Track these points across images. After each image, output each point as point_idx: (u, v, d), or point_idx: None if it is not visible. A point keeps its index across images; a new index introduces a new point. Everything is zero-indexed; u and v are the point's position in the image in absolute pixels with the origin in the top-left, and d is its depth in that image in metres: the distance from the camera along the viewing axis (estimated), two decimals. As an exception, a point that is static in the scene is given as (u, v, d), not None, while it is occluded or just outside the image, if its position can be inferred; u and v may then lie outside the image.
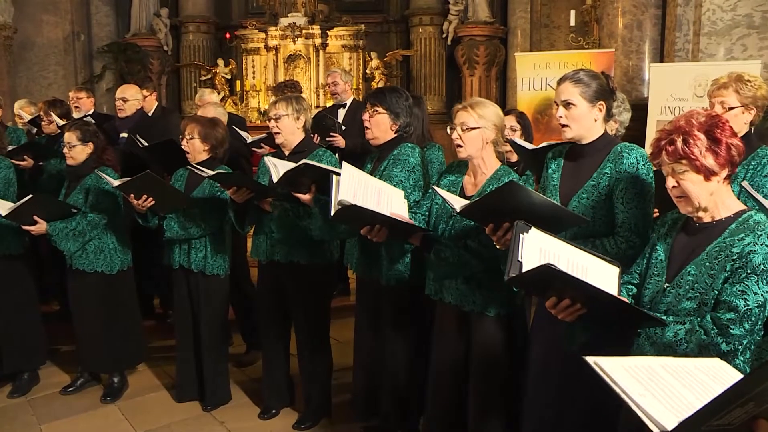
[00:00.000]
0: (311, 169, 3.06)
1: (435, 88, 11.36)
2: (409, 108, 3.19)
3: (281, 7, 10.89)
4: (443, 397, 2.96)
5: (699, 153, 1.88)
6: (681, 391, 1.33)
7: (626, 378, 1.35)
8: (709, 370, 1.42)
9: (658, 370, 1.40)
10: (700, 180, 1.91)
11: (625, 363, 1.41)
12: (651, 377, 1.36)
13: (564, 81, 2.50)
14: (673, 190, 1.97)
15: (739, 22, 5.87)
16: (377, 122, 3.15)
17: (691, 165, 1.90)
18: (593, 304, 1.98)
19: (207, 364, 3.84)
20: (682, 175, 1.92)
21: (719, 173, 1.91)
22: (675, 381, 1.36)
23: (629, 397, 1.29)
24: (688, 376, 1.38)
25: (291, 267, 3.46)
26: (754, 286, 1.86)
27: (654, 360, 1.46)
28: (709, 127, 1.89)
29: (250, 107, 10.87)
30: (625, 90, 6.77)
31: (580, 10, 9.02)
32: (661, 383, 1.34)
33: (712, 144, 1.88)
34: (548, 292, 2.03)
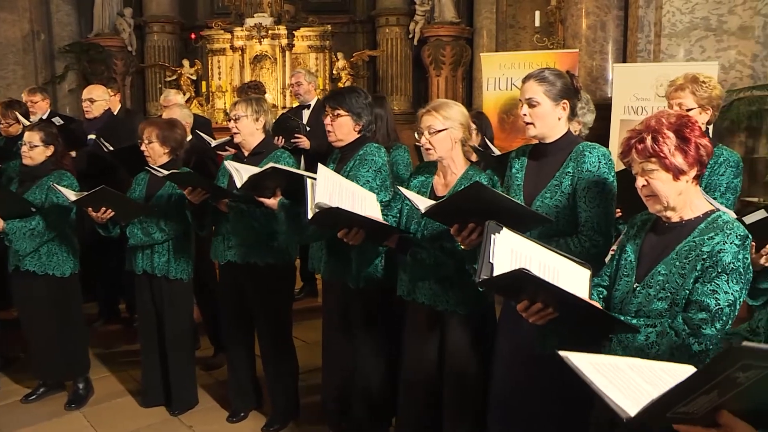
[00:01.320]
0: (278, 172, 3.04)
1: (401, 89, 11.38)
2: (369, 106, 3.18)
3: (247, 8, 10.81)
4: (416, 397, 2.96)
5: (668, 151, 1.89)
6: (644, 386, 1.34)
7: (591, 371, 1.37)
8: (675, 373, 1.43)
9: (624, 368, 1.41)
10: (669, 179, 1.92)
11: (593, 359, 1.43)
12: (616, 373, 1.38)
13: (529, 79, 2.52)
14: (642, 189, 1.98)
15: (698, 25, 6.00)
16: (340, 125, 3.13)
17: (660, 163, 1.91)
18: (565, 308, 1.98)
19: (173, 369, 3.80)
20: (651, 174, 1.93)
21: (688, 172, 1.93)
22: (639, 378, 1.37)
23: (595, 387, 1.31)
24: (653, 376, 1.40)
25: (248, 268, 3.45)
26: (725, 285, 1.87)
27: (621, 359, 1.47)
28: (679, 127, 1.91)
29: (216, 108, 10.77)
30: (590, 90, 6.86)
31: (544, 11, 9.12)
32: (626, 379, 1.36)
33: (681, 143, 1.90)
34: (520, 295, 2.02)
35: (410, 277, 2.83)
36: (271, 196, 3.15)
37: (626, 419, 1.22)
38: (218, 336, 4.50)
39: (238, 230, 3.42)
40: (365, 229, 2.72)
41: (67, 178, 3.81)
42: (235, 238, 3.45)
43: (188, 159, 4.30)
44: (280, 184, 3.12)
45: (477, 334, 2.79)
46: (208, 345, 4.68)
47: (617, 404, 1.26)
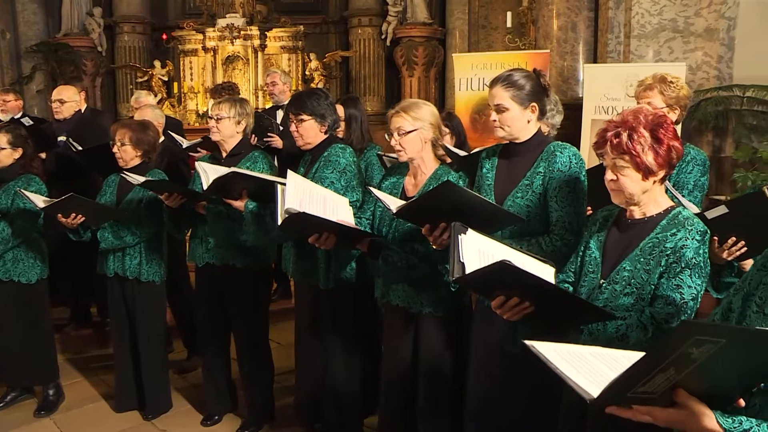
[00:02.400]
0: (240, 177, 3.04)
1: (374, 89, 11.38)
2: (331, 105, 3.19)
3: (219, 8, 10.73)
4: (395, 398, 2.98)
5: (641, 150, 1.92)
6: (607, 372, 1.38)
7: (555, 357, 1.40)
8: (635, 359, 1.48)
9: (587, 356, 1.45)
10: (638, 178, 1.96)
11: (557, 347, 1.46)
12: (580, 360, 1.42)
13: (496, 84, 2.53)
14: (610, 183, 2.01)
15: (666, 26, 6.09)
16: (306, 129, 3.13)
17: (632, 161, 1.94)
18: (542, 300, 1.99)
19: (146, 372, 3.77)
20: (622, 171, 1.97)
21: (657, 173, 1.96)
22: (602, 365, 1.41)
23: (559, 372, 1.34)
24: (614, 362, 1.44)
25: (227, 270, 3.43)
26: (688, 280, 1.93)
27: (585, 348, 1.51)
28: (654, 126, 1.94)
29: (188, 109, 10.68)
30: (561, 90, 6.94)
31: (516, 11, 9.19)
32: (589, 365, 1.40)
33: (654, 143, 1.93)
34: (495, 291, 2.03)
35: (384, 280, 2.84)
36: (238, 197, 3.14)
37: (590, 400, 1.26)
38: (192, 339, 4.48)
39: (217, 232, 3.40)
40: (336, 234, 2.72)
41: (36, 183, 3.74)
42: (213, 240, 3.43)
43: (160, 161, 4.26)
44: (245, 186, 3.12)
45: (451, 335, 2.81)
46: (182, 348, 4.65)
47: (581, 387, 1.29)
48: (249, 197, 3.16)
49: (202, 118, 10.26)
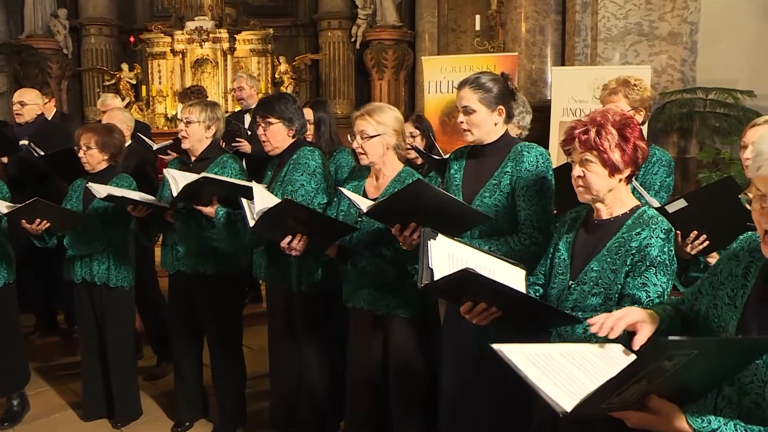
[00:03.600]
0: (210, 182, 3.02)
1: (344, 92, 11.39)
2: (299, 110, 3.18)
3: (187, 11, 10.65)
4: (362, 401, 2.98)
5: (608, 147, 1.97)
6: (576, 374, 1.39)
7: (525, 363, 1.40)
8: (602, 354, 1.50)
9: (556, 356, 1.46)
10: (605, 174, 2.00)
11: (525, 350, 1.46)
12: (548, 363, 1.42)
13: (463, 86, 2.55)
14: (577, 179, 2.04)
15: (631, 30, 6.19)
16: (273, 133, 3.12)
17: (599, 157, 1.98)
18: (509, 306, 2.01)
19: (115, 379, 3.71)
20: (588, 166, 2.00)
21: (623, 171, 2.00)
22: (571, 365, 1.42)
23: (529, 381, 1.34)
24: (584, 361, 1.45)
25: (198, 278, 3.40)
26: (653, 278, 1.95)
27: (553, 347, 1.52)
28: (622, 126, 1.99)
29: (157, 113, 10.58)
30: (529, 92, 7.01)
31: (485, 15, 9.26)
32: (558, 368, 1.40)
33: (621, 141, 1.98)
34: (463, 297, 2.03)
35: (352, 284, 2.84)
36: (208, 204, 3.12)
37: (562, 413, 1.27)
38: (161, 345, 4.43)
39: (186, 240, 3.38)
40: (311, 230, 2.70)
41: None
42: (183, 247, 3.40)
43: (127, 164, 4.21)
44: (215, 192, 3.10)
45: (420, 336, 2.82)
46: (151, 354, 4.59)
47: (553, 399, 1.29)
48: (219, 203, 3.13)
49: (171, 122, 10.18)
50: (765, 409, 1.36)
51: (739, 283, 1.52)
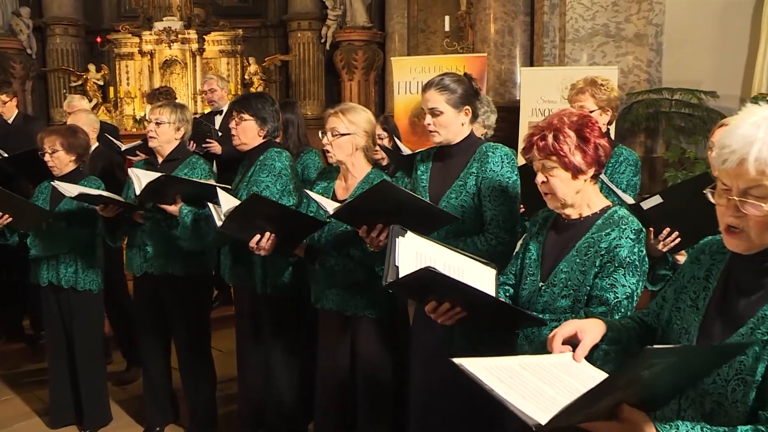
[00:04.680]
0: (173, 181, 3.01)
1: (314, 93, 11.37)
2: (276, 113, 3.19)
3: (155, 11, 10.52)
4: (331, 402, 2.97)
5: (568, 150, 1.94)
6: (542, 387, 1.38)
7: (488, 377, 1.38)
8: (562, 366, 1.49)
9: (518, 369, 1.43)
10: (568, 178, 1.97)
11: (486, 364, 1.44)
12: (512, 376, 1.40)
13: (429, 88, 2.56)
14: (542, 186, 2.02)
15: (598, 31, 6.27)
16: (244, 129, 3.13)
17: (560, 162, 1.95)
18: (473, 306, 1.99)
19: (84, 385, 3.65)
20: (551, 172, 1.97)
21: (586, 172, 1.97)
22: (535, 379, 1.40)
23: (497, 395, 1.32)
24: (546, 373, 1.44)
25: (167, 279, 3.37)
26: (622, 279, 1.93)
27: (513, 360, 1.49)
28: (579, 126, 1.96)
29: (125, 115, 10.44)
30: (498, 93, 7.06)
31: (454, 15, 9.29)
32: (523, 382, 1.39)
33: (581, 142, 1.94)
34: (428, 296, 2.02)
35: (321, 285, 2.84)
36: (172, 203, 3.10)
37: (535, 427, 1.25)
38: (131, 349, 4.38)
39: (156, 241, 3.34)
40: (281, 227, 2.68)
41: None
42: (152, 248, 3.37)
43: (95, 166, 4.16)
44: (179, 190, 3.07)
45: (388, 337, 2.82)
46: (121, 359, 4.54)
47: (524, 413, 1.27)
48: (183, 202, 3.11)
49: (139, 124, 10.05)
50: (728, 408, 1.36)
51: (701, 286, 1.52)
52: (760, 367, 1.31)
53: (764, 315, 1.34)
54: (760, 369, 1.31)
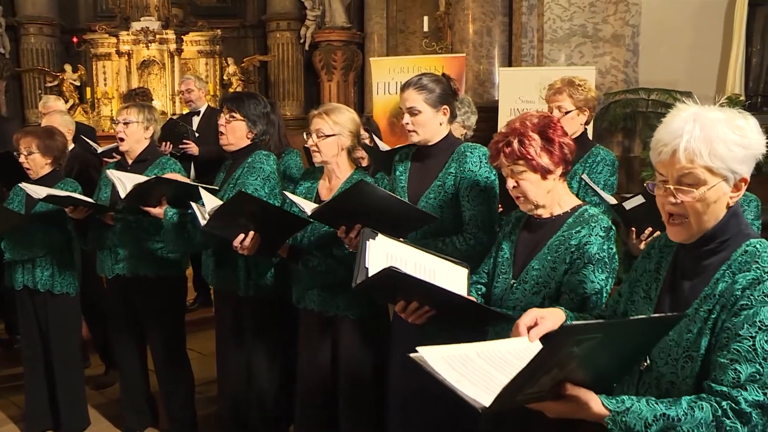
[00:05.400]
0: (162, 182, 2.98)
1: (293, 94, 11.35)
2: (266, 116, 3.17)
3: (132, 11, 10.44)
4: (312, 403, 2.96)
5: (535, 153, 1.97)
6: (493, 373, 1.42)
7: (443, 367, 1.42)
8: (517, 352, 1.54)
9: (473, 357, 1.48)
10: (538, 179, 2.01)
11: (445, 352, 1.48)
12: (465, 364, 1.44)
13: (407, 88, 2.57)
14: (513, 190, 2.05)
15: (576, 32, 6.33)
16: (233, 129, 3.10)
17: (528, 165, 1.99)
18: (441, 304, 2.02)
19: (61, 390, 3.61)
20: (521, 176, 2.01)
21: (554, 171, 2.01)
22: (487, 366, 1.45)
23: (448, 384, 1.37)
24: (500, 360, 1.48)
25: (138, 281, 3.35)
26: (591, 275, 1.97)
27: (470, 347, 1.53)
28: (542, 128, 1.99)
29: (103, 116, 10.33)
30: (477, 93, 7.09)
31: (433, 16, 9.32)
32: (475, 368, 1.43)
33: (546, 144, 1.98)
34: (396, 296, 2.05)
35: (303, 285, 2.83)
36: (157, 205, 3.07)
37: (481, 409, 1.29)
38: (109, 353, 4.33)
39: (127, 242, 3.32)
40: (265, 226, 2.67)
41: None
42: (123, 250, 3.34)
43: (71, 168, 4.11)
44: (165, 193, 3.05)
45: (369, 337, 2.82)
46: (99, 363, 4.49)
47: (471, 397, 1.32)
48: (168, 204, 3.08)
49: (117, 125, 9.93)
50: (680, 386, 1.45)
51: (652, 278, 1.62)
52: (702, 341, 1.43)
53: (705, 295, 1.46)
54: (703, 343, 1.43)
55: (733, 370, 1.35)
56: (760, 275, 1.39)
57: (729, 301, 1.40)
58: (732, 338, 1.37)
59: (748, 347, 1.35)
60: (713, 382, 1.38)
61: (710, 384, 1.38)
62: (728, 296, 1.41)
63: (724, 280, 1.44)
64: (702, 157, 1.39)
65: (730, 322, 1.39)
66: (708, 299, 1.44)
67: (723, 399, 1.35)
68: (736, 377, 1.34)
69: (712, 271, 1.47)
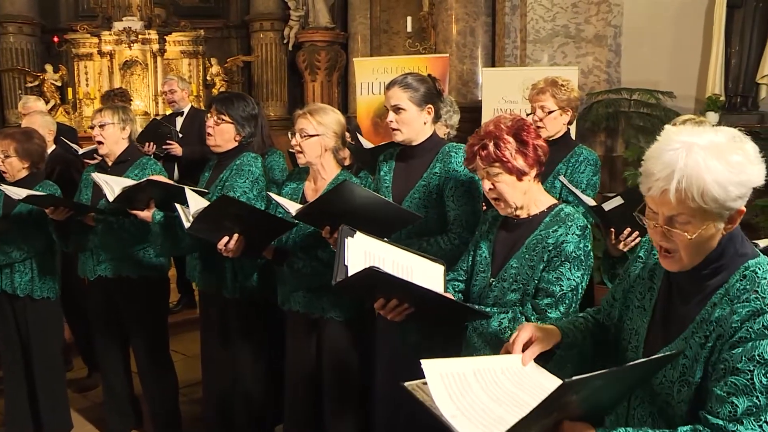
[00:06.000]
0: (153, 185, 2.96)
1: (277, 94, 11.31)
2: (254, 118, 3.15)
3: (114, 11, 10.34)
4: (299, 404, 2.96)
5: (510, 155, 2.02)
6: (490, 405, 1.40)
7: (442, 393, 1.40)
8: (512, 374, 1.52)
9: (470, 379, 1.46)
10: (514, 181, 2.05)
11: (443, 369, 1.46)
12: (463, 391, 1.42)
13: (393, 86, 2.59)
14: (489, 193, 2.10)
15: (559, 32, 6.36)
16: (221, 131, 3.07)
17: (504, 167, 2.03)
18: (419, 302, 2.04)
19: (43, 394, 3.56)
20: (496, 178, 2.05)
21: (529, 173, 2.06)
22: (483, 394, 1.43)
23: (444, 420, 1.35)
24: (495, 386, 1.46)
25: (121, 282, 3.33)
26: (568, 273, 2.02)
27: (467, 364, 1.52)
28: (516, 131, 2.03)
29: (85, 116, 10.20)
30: (461, 93, 7.11)
31: (417, 16, 9.34)
32: (472, 398, 1.41)
33: (520, 146, 2.03)
34: (376, 294, 2.06)
35: (288, 286, 2.82)
36: (145, 207, 3.05)
37: None
38: (92, 355, 4.29)
39: (108, 244, 3.29)
40: (249, 228, 2.66)
41: None
42: (105, 252, 3.31)
43: (51, 170, 4.06)
44: (153, 195, 3.03)
45: (355, 338, 2.82)
46: (82, 365, 4.45)
47: None
48: (156, 207, 3.06)
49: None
50: (674, 407, 1.43)
51: (646, 286, 1.60)
52: (698, 368, 1.40)
53: (702, 319, 1.42)
54: (698, 370, 1.40)
55: (730, 404, 1.32)
56: (759, 307, 1.34)
57: (727, 332, 1.36)
58: (729, 371, 1.34)
59: (745, 381, 1.32)
60: (709, 414, 1.35)
61: (706, 416, 1.36)
62: (726, 326, 1.37)
63: (721, 306, 1.40)
64: (694, 200, 1.33)
65: (728, 354, 1.35)
66: (704, 325, 1.41)
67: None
68: (732, 411, 1.32)
69: (708, 294, 1.43)
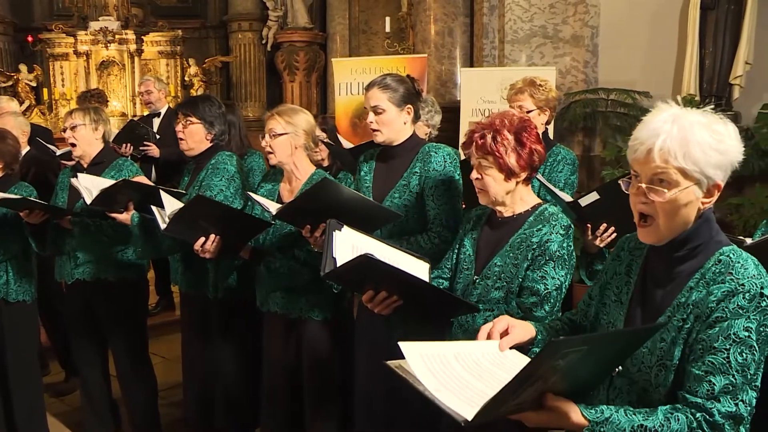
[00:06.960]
0: (129, 185, 2.95)
1: (256, 95, 11.27)
2: (222, 116, 3.16)
3: (91, 10, 10.23)
4: (278, 405, 2.95)
5: (504, 152, 2.02)
6: (472, 382, 1.42)
7: (422, 369, 1.42)
8: (491, 357, 1.55)
9: (450, 360, 1.48)
10: (501, 179, 2.06)
11: (424, 350, 1.48)
12: (444, 369, 1.44)
13: (372, 87, 2.60)
14: (476, 182, 2.11)
15: (536, 32, 6.41)
16: (191, 133, 3.08)
17: (495, 162, 2.04)
18: (408, 294, 2.05)
19: (18, 401, 3.49)
20: (486, 171, 2.06)
21: (519, 174, 2.06)
22: (465, 373, 1.45)
23: (428, 394, 1.36)
24: (476, 366, 1.49)
25: (99, 285, 3.30)
26: (552, 271, 2.04)
27: (447, 347, 1.54)
28: (518, 130, 2.04)
29: (61, 117, 10.07)
30: (439, 93, 7.13)
31: (395, 17, 9.35)
32: (453, 375, 1.43)
33: (517, 146, 2.03)
34: (365, 285, 2.07)
35: (266, 287, 2.82)
36: (123, 210, 3.02)
37: (463, 422, 1.30)
38: (69, 359, 4.24)
39: (86, 246, 3.26)
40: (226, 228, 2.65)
41: None
42: (82, 254, 3.28)
43: (26, 171, 4.01)
44: (132, 197, 3.01)
45: (334, 338, 2.82)
46: (59, 370, 4.40)
47: (453, 410, 1.32)
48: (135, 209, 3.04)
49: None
50: (652, 393, 1.47)
51: (623, 281, 1.63)
52: (676, 350, 1.44)
53: (679, 303, 1.46)
54: (676, 353, 1.44)
55: (707, 383, 1.37)
56: (734, 287, 1.39)
57: (703, 313, 1.41)
58: (706, 350, 1.39)
59: (722, 359, 1.37)
60: (688, 393, 1.40)
61: (685, 395, 1.40)
62: (702, 307, 1.41)
63: (697, 289, 1.44)
64: (676, 159, 1.39)
65: (705, 334, 1.40)
66: (681, 308, 1.45)
67: (697, 411, 1.37)
68: (710, 389, 1.37)
69: (684, 279, 1.47)
